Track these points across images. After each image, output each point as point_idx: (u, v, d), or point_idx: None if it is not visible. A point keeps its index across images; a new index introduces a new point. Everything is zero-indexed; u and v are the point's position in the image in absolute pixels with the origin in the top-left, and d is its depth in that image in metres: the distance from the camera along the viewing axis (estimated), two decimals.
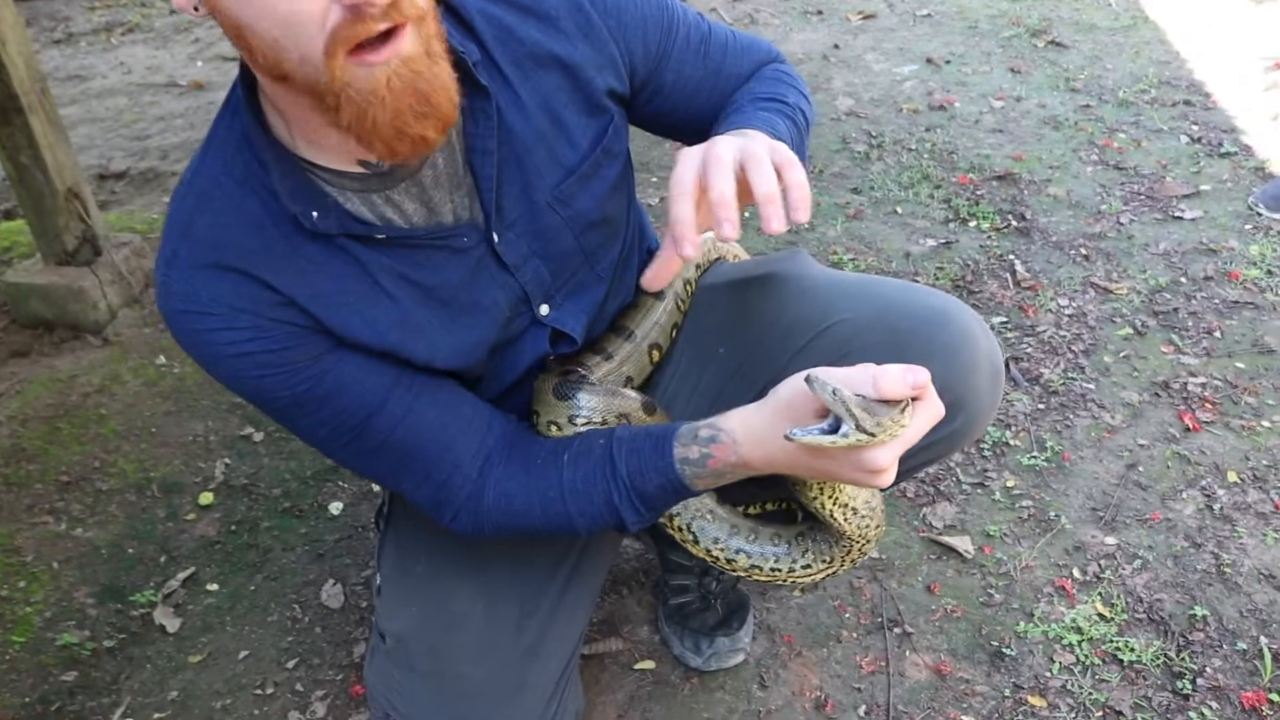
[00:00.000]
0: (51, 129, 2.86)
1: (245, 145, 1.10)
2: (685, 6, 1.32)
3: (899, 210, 3.28)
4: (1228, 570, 2.01)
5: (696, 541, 1.37)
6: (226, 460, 2.47)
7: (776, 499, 1.59)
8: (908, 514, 2.20)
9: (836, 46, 4.56)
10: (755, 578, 1.38)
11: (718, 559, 1.37)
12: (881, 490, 1.23)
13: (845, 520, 1.27)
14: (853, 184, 3.47)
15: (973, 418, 1.31)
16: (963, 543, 2.10)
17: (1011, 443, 2.37)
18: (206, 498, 2.36)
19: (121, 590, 2.16)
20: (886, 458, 1.00)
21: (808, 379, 0.99)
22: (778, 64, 1.40)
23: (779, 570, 1.37)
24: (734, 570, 1.38)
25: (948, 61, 4.33)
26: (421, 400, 1.19)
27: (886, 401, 1.00)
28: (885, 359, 1.12)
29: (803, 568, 1.36)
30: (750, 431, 1.12)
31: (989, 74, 4.19)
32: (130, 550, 2.26)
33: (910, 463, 1.39)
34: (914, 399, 1.02)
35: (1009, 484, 2.26)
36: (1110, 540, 2.10)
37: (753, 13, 5.02)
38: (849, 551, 1.33)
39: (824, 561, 1.35)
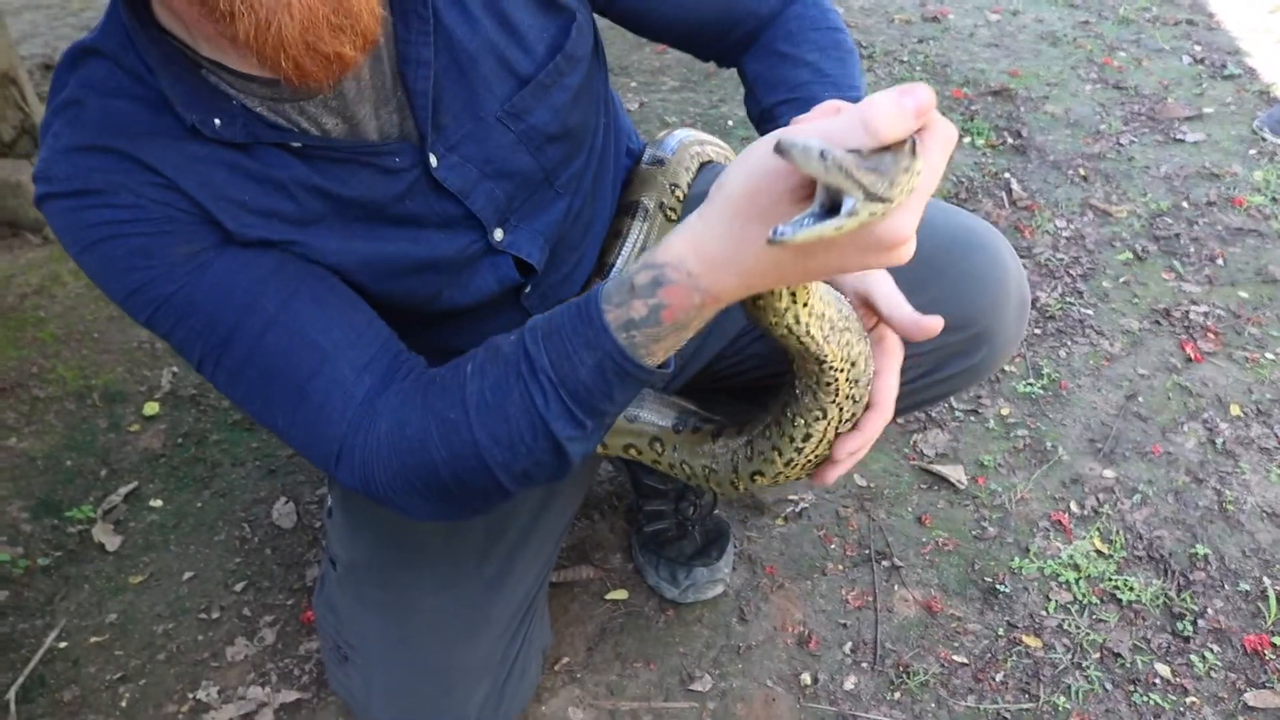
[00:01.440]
0: None
1: (128, 42, 0.98)
2: None
3: None
4: (1230, 508, 1.93)
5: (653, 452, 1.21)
6: (174, 369, 2.35)
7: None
8: (897, 441, 2.11)
9: None
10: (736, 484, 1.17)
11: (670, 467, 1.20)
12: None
13: (824, 339, 0.97)
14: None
15: (997, 350, 1.26)
16: (955, 472, 2.01)
17: (1007, 369, 2.28)
18: (151, 408, 2.25)
19: (58, 505, 2.03)
20: (908, 223, 0.73)
21: (779, 148, 0.68)
22: None
23: (779, 452, 1.11)
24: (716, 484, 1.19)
25: None
26: (300, 296, 1.01)
27: (888, 149, 0.71)
28: (908, 282, 1.04)
29: (801, 439, 1.09)
30: (707, 252, 0.81)
31: None
32: (68, 462, 2.13)
33: (926, 394, 1.31)
34: (919, 131, 0.74)
35: (1003, 412, 2.17)
36: (1109, 473, 2.02)
37: None
38: (836, 393, 1.03)
39: (816, 415, 1.06)
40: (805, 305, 0.93)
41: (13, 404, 2.28)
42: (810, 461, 1.10)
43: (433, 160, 1.06)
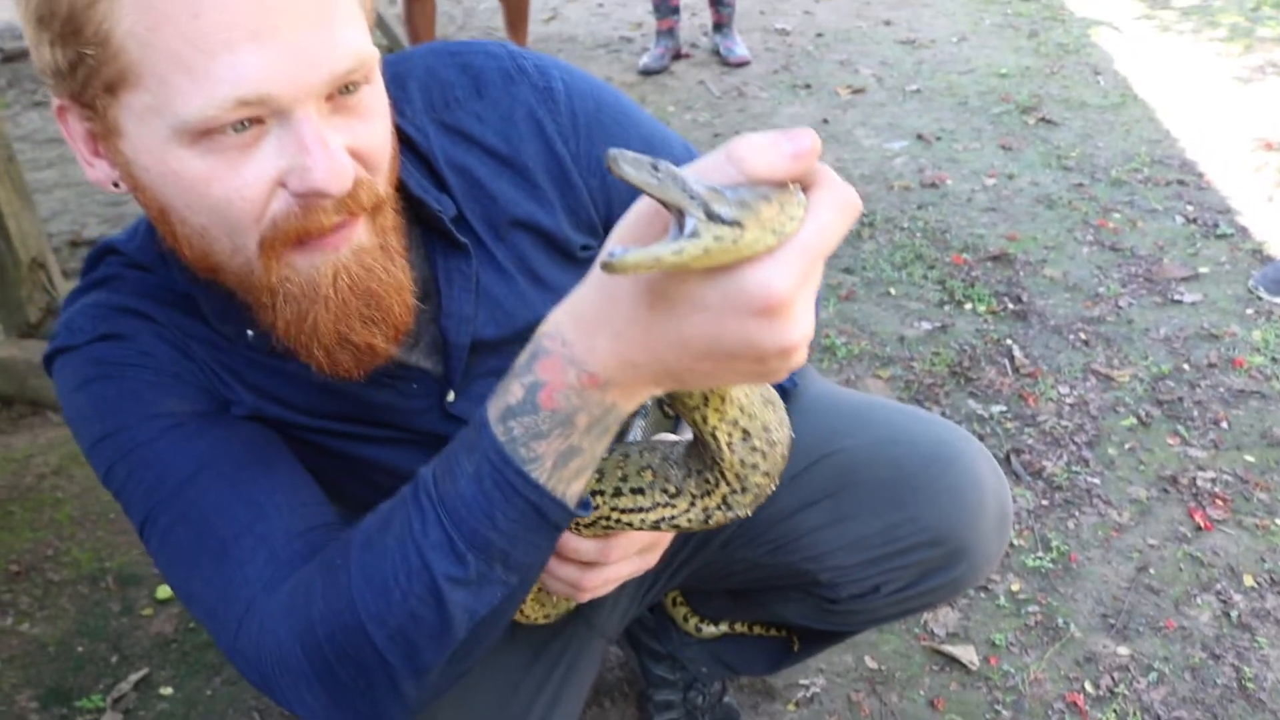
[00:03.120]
0: (16, 196, 2.77)
1: (160, 261, 1.02)
2: (685, 148, 1.21)
3: (892, 291, 3.23)
4: (1250, 685, 1.90)
5: None
6: None
7: (765, 622, 1.48)
8: (908, 621, 2.07)
9: (826, 121, 4.54)
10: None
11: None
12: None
13: (726, 443, 0.86)
14: (844, 263, 3.41)
15: (976, 565, 1.26)
16: (966, 653, 1.98)
17: (1015, 542, 2.26)
18: (164, 591, 2.24)
19: (68, 693, 2.02)
20: (781, 277, 0.63)
21: (608, 158, 0.61)
22: None
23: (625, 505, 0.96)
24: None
25: (938, 138, 4.31)
26: (258, 462, 1.00)
27: (762, 190, 0.63)
28: (885, 498, 1.09)
29: (648, 501, 0.94)
30: (581, 313, 0.74)
31: (980, 150, 4.17)
32: (80, 648, 2.13)
33: (906, 606, 1.33)
34: (811, 189, 0.67)
35: (1014, 588, 2.15)
36: (1123, 650, 1.99)
37: (741, 86, 5.01)
38: (715, 485, 0.90)
39: (666, 492, 0.93)
40: (716, 409, 0.83)
41: (27, 588, 2.29)
42: (645, 524, 0.95)
43: (451, 396, 1.08)
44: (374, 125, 0.88)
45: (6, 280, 2.85)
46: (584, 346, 0.73)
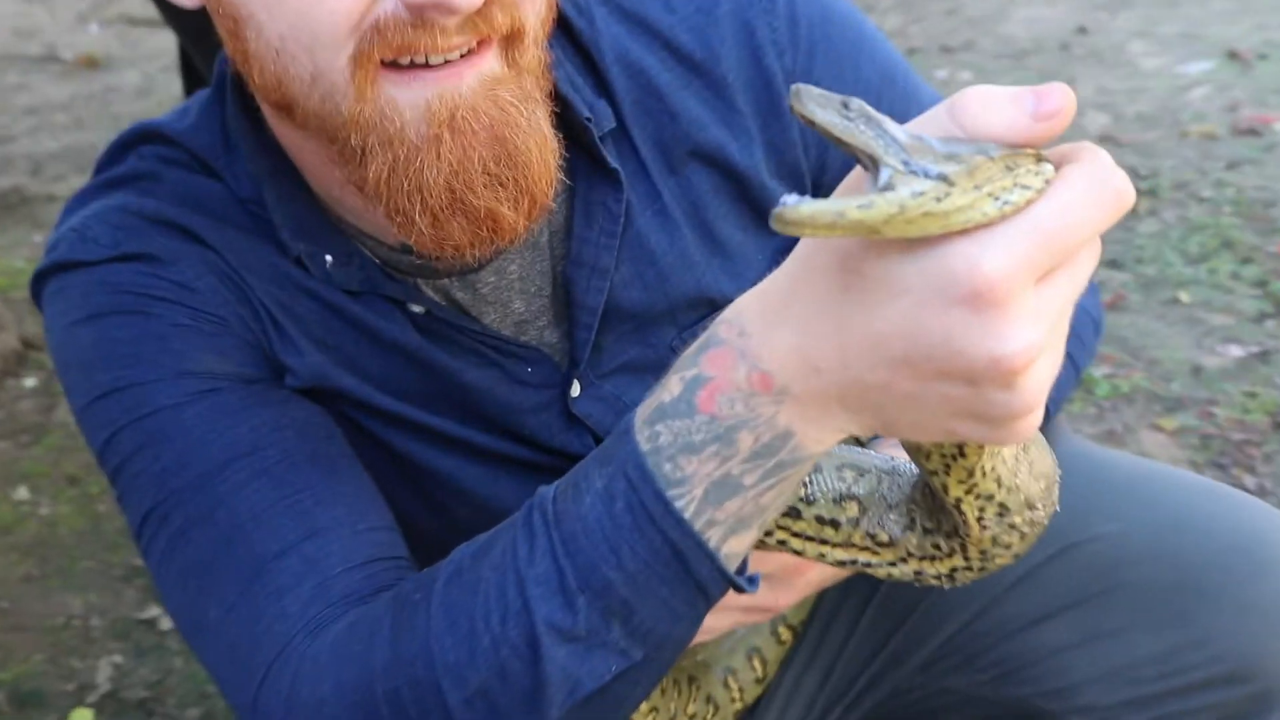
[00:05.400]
0: None
1: (224, 145, 0.97)
2: (933, 96, 1.14)
3: (1184, 297, 2.73)
4: None
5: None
6: (116, 658, 2.00)
7: None
8: None
9: (1083, 29, 3.96)
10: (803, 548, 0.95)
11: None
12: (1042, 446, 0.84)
13: (975, 518, 0.83)
14: (1110, 253, 2.86)
15: (1271, 697, 1.10)
16: None
17: None
18: (83, 716, 1.90)
19: None
20: (998, 259, 0.57)
21: (791, 94, 0.60)
22: None
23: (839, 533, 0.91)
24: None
25: (1263, 56, 3.68)
26: (317, 459, 0.94)
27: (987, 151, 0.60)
28: (1162, 611, 1.05)
29: (885, 546, 0.90)
30: (768, 300, 0.70)
31: None
32: None
33: None
34: (1063, 161, 0.62)
35: None
36: None
37: None
38: (947, 555, 0.88)
39: (872, 537, 0.90)
40: (961, 481, 0.81)
41: None
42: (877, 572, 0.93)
43: (575, 388, 1.04)
44: None
45: None
46: (760, 339, 0.70)
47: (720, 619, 0.98)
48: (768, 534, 0.89)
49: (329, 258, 0.95)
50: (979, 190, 0.58)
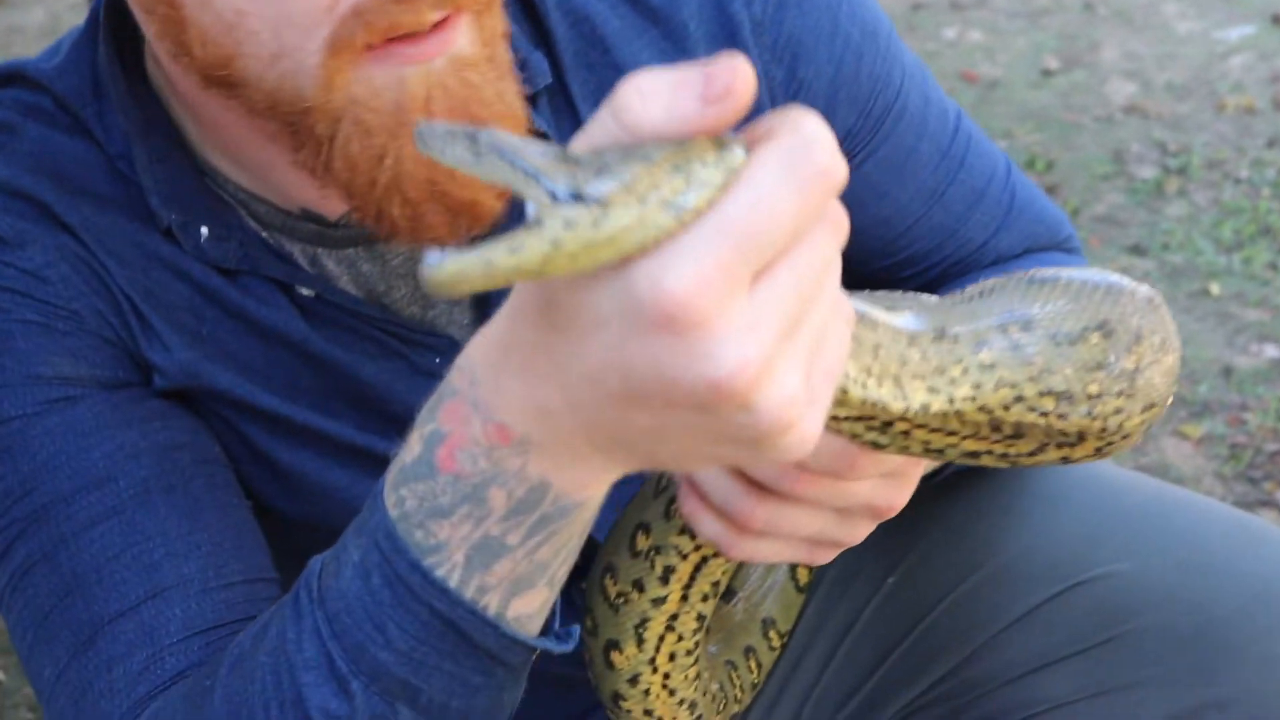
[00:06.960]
0: None
1: (93, 91, 0.93)
2: (934, 95, 1.11)
3: (1214, 289, 2.69)
4: None
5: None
6: None
7: None
8: None
9: None
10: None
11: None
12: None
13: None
14: (1133, 237, 2.80)
15: None
16: None
17: None
18: None
19: None
20: (680, 273, 0.54)
21: (415, 134, 0.57)
22: (1065, 251, 1.19)
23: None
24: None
25: None
26: (174, 493, 0.91)
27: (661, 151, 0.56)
28: (1180, 663, 1.02)
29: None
30: (494, 341, 0.66)
31: None
32: None
33: None
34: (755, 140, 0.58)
35: None
36: None
37: None
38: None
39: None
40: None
41: None
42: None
43: None
44: None
45: None
46: (492, 386, 0.67)
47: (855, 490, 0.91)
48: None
49: (204, 230, 0.92)
50: (644, 203, 0.54)
